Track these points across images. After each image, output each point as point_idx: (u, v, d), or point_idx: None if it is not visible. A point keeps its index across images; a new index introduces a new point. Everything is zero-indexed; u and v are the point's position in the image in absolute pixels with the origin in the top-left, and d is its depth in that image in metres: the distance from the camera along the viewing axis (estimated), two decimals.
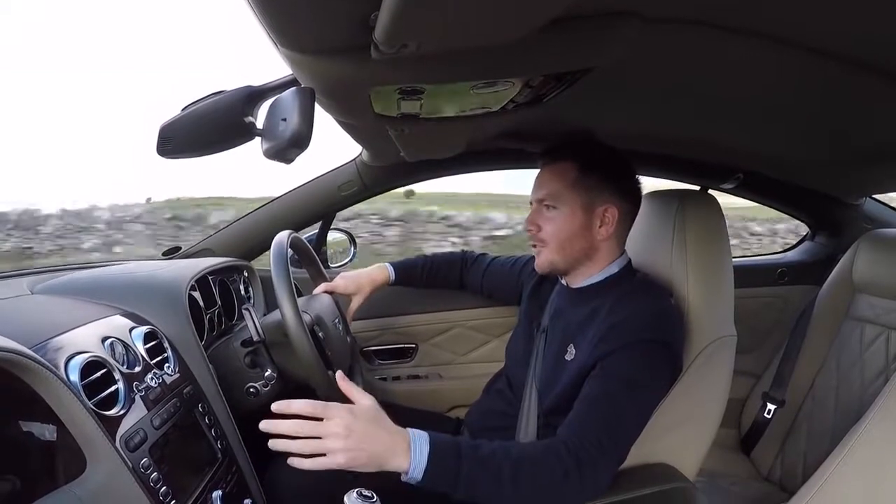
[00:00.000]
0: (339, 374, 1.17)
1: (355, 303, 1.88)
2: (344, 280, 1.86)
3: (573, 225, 1.40)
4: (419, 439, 1.12)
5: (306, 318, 1.50)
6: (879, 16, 0.85)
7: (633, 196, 1.46)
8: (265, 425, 1.08)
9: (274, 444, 1.08)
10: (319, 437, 1.07)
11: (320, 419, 1.08)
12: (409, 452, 1.09)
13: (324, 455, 1.06)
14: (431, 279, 2.02)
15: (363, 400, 1.14)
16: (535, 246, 1.47)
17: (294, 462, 1.08)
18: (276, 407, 1.10)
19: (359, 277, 1.89)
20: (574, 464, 1.14)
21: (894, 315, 1.82)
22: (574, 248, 1.42)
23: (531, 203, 1.49)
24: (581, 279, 1.47)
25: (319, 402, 1.11)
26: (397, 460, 1.09)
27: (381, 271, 1.94)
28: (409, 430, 1.13)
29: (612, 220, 1.41)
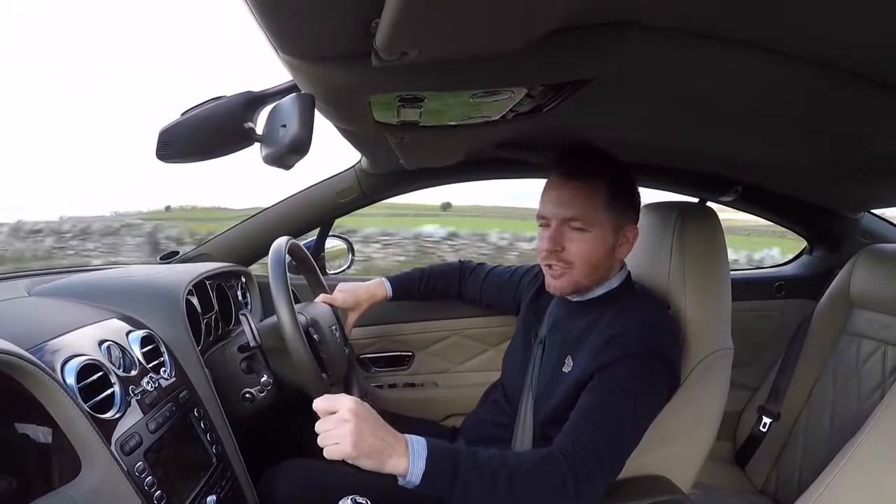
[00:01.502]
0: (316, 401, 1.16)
1: (352, 317, 1.88)
2: (343, 294, 1.85)
3: (604, 247, 1.37)
4: (417, 444, 1.12)
5: (301, 318, 1.51)
6: (881, 28, 0.85)
7: (639, 213, 1.46)
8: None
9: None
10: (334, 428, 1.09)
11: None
12: (408, 455, 1.10)
13: (337, 445, 1.08)
14: (430, 292, 2.02)
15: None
16: (553, 267, 1.41)
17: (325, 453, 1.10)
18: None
19: (357, 292, 1.88)
20: (571, 475, 1.14)
21: (891, 330, 1.82)
22: (600, 269, 1.40)
23: (544, 218, 1.41)
24: (584, 293, 1.47)
25: (329, 395, 1.13)
26: (395, 460, 1.09)
27: (379, 287, 1.93)
28: (406, 435, 1.14)
29: (631, 240, 1.41)
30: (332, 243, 2.35)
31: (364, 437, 1.07)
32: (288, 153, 0.94)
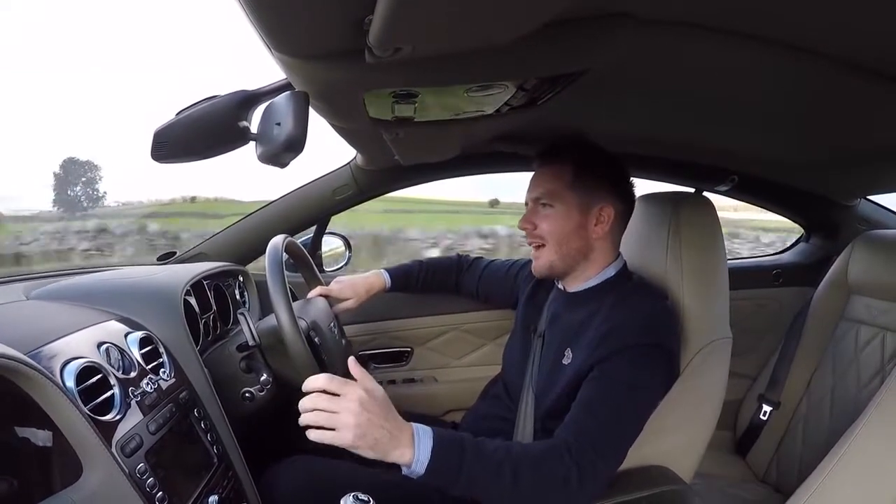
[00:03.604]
0: (351, 360, 1.16)
1: (348, 304, 1.86)
2: (340, 285, 1.85)
3: (570, 223, 1.41)
4: (423, 433, 1.12)
5: (302, 323, 1.50)
6: (876, 18, 0.85)
7: (627, 197, 1.47)
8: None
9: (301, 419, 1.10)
10: (335, 413, 1.08)
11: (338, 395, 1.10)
12: (413, 445, 1.10)
13: (333, 431, 1.07)
14: (427, 284, 2.02)
15: (377, 386, 1.14)
16: (533, 247, 1.47)
17: (309, 434, 1.09)
18: (305, 386, 1.12)
19: (355, 284, 1.88)
20: (574, 466, 1.15)
21: (889, 316, 1.82)
22: (571, 247, 1.42)
23: (526, 203, 1.50)
24: (578, 283, 1.47)
25: (340, 377, 1.12)
26: (399, 451, 1.09)
27: (377, 278, 1.93)
28: (412, 423, 1.14)
29: (607, 219, 1.41)
30: (328, 241, 2.35)
31: (370, 429, 1.07)
32: (283, 151, 0.94)
